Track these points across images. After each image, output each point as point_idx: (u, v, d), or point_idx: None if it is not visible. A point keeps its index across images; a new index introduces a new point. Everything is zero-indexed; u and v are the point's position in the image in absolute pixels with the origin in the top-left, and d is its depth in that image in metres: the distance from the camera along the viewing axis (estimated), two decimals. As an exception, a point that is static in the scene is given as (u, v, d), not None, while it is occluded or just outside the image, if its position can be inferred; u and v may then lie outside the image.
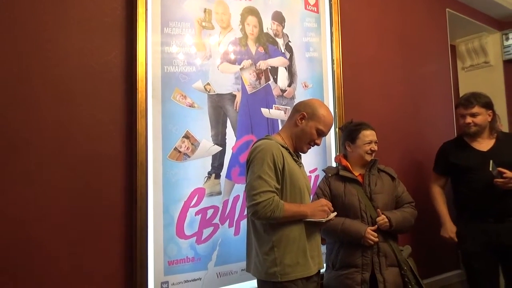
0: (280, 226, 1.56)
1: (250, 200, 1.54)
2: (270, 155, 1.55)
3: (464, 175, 2.28)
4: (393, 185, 2.07)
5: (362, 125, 2.07)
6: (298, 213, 1.58)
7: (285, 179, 1.59)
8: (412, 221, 2.02)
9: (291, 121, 1.72)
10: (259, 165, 1.54)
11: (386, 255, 1.92)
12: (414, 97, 3.01)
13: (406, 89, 2.95)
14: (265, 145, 1.58)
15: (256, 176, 1.54)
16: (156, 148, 1.76)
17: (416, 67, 3.05)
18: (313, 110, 1.68)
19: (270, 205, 1.50)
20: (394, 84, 2.87)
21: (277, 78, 2.20)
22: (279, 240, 1.56)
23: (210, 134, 1.93)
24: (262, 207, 1.50)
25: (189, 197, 1.84)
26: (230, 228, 1.97)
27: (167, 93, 1.81)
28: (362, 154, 2.03)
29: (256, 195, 1.52)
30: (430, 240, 2.74)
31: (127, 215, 1.69)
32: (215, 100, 1.96)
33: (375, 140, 2.05)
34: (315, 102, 1.74)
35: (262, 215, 1.51)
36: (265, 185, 1.52)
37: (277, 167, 1.56)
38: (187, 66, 1.89)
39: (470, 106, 2.25)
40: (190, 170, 1.85)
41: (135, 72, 1.72)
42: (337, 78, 2.43)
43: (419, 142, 2.96)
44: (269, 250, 1.56)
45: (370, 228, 1.90)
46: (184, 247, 1.81)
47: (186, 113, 1.86)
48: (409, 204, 2.07)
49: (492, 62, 3.86)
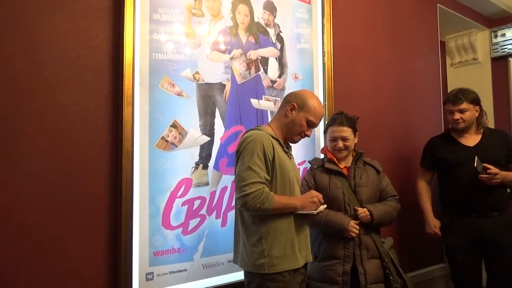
0: (268, 217, 1.57)
1: (239, 191, 1.54)
2: (260, 146, 1.55)
3: (450, 170, 2.32)
4: (377, 178, 2.10)
5: (333, 120, 2.06)
6: (288, 205, 1.58)
7: (275, 170, 1.59)
8: (395, 215, 2.05)
9: (281, 112, 1.72)
10: (249, 156, 1.54)
11: (368, 248, 1.96)
12: (404, 92, 3.04)
13: (396, 83, 2.98)
14: (256, 135, 1.58)
15: (246, 167, 1.53)
16: (143, 136, 1.75)
17: (406, 61, 3.08)
18: (304, 101, 1.68)
19: (259, 196, 1.51)
20: (384, 77, 2.89)
21: (268, 69, 2.19)
22: (267, 231, 1.56)
23: (198, 124, 1.92)
24: (251, 198, 1.50)
25: (175, 188, 1.83)
26: (217, 219, 1.97)
27: (155, 81, 1.79)
28: (331, 150, 2.06)
29: (245, 186, 1.51)
30: (415, 234, 2.79)
31: (112, 205, 1.67)
32: (204, 89, 1.95)
33: (342, 137, 2.00)
34: (306, 93, 1.74)
35: (252, 207, 1.51)
36: (255, 176, 1.52)
37: (267, 158, 1.56)
38: (176, 54, 1.87)
39: (458, 102, 2.28)
40: (177, 160, 1.84)
41: (122, 58, 1.69)
42: (328, 70, 2.44)
43: (407, 136, 3.00)
44: (256, 242, 1.56)
45: (353, 221, 1.93)
46: (170, 238, 1.80)
47: (174, 102, 1.84)
48: (393, 197, 2.10)
49: (481, 59, 3.92)
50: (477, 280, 2.32)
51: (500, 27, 3.82)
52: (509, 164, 2.30)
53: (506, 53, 3.77)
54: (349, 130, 2.03)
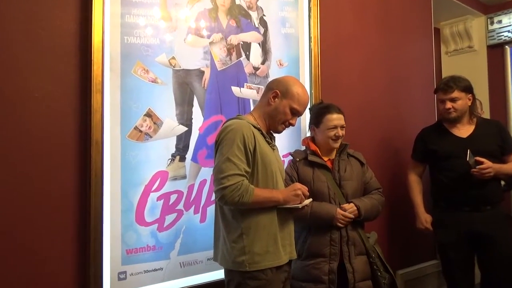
0: (249, 212, 1.55)
1: (217, 183, 1.52)
2: (241, 136, 1.53)
3: (442, 162, 2.33)
4: (362, 171, 2.10)
5: (328, 108, 2.04)
6: (269, 199, 1.57)
7: (257, 162, 1.58)
8: (380, 208, 2.06)
9: (264, 100, 1.71)
10: (228, 147, 1.52)
11: (355, 244, 1.96)
12: (395, 81, 3.03)
13: (387, 72, 2.97)
14: (236, 125, 1.56)
15: (224, 158, 1.52)
16: (114, 126, 1.72)
17: (398, 49, 3.08)
18: (287, 88, 1.66)
19: (238, 189, 1.49)
20: (374, 65, 2.88)
21: (250, 55, 2.17)
22: (248, 227, 1.55)
23: (174, 113, 1.90)
24: (230, 191, 1.49)
25: (150, 181, 1.81)
26: (196, 215, 1.95)
27: (127, 67, 1.77)
28: (326, 140, 2.03)
29: (224, 179, 1.50)
30: (406, 229, 2.80)
31: (81, 200, 1.65)
32: (181, 76, 1.92)
33: (341, 125, 2.01)
34: (289, 79, 1.73)
35: (230, 200, 1.50)
36: (234, 168, 1.51)
37: (247, 148, 1.54)
38: (150, 38, 1.84)
39: (449, 90, 2.28)
40: (152, 151, 1.82)
41: (91, 41, 1.66)
42: (315, 57, 2.43)
43: (398, 128, 3.00)
44: (237, 238, 1.55)
45: (341, 209, 1.93)
46: (144, 235, 1.79)
47: (148, 89, 1.82)
48: (377, 190, 2.10)
49: (476, 47, 3.94)
50: (470, 277, 2.34)
51: (497, 14, 3.83)
52: (503, 156, 2.31)
53: (502, 40, 3.79)
54: (343, 118, 2.04)
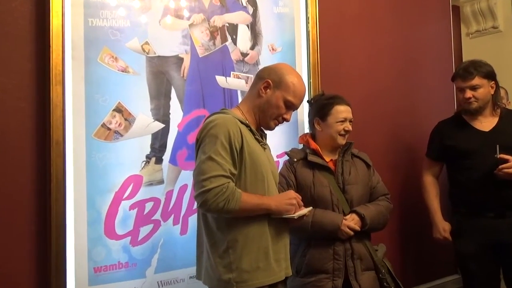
0: (236, 222, 1.55)
1: (198, 186, 1.51)
2: (225, 132, 1.53)
3: (462, 161, 2.32)
4: (368, 174, 2.10)
5: (335, 98, 2.05)
6: (259, 206, 1.56)
7: (244, 163, 1.58)
8: (388, 217, 2.06)
9: (253, 91, 1.71)
10: (211, 144, 1.52)
11: (361, 258, 1.96)
12: (407, 67, 3.03)
13: (398, 57, 2.97)
14: (220, 120, 1.56)
15: (206, 158, 1.51)
16: (78, 124, 1.73)
17: (411, 30, 3.08)
18: (280, 77, 1.66)
19: (223, 193, 1.48)
20: (383, 50, 2.88)
21: (237, 39, 2.18)
22: (235, 239, 1.54)
23: (149, 107, 1.91)
24: (213, 195, 1.47)
25: (121, 187, 1.82)
26: (175, 226, 1.96)
27: (93, 54, 1.77)
28: (333, 135, 2.02)
29: (205, 181, 1.49)
30: (421, 240, 2.81)
31: (39, 210, 1.65)
32: (156, 64, 1.93)
33: (350, 118, 2.03)
34: (283, 67, 1.73)
35: (213, 206, 1.48)
36: (217, 169, 1.49)
37: (233, 147, 1.54)
38: (120, 20, 1.84)
39: (469, 77, 2.28)
40: (123, 152, 1.83)
41: (49, 25, 1.66)
42: (313, 41, 2.43)
43: (411, 122, 3.00)
44: (223, 252, 1.54)
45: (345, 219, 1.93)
46: (115, 250, 1.79)
47: (118, 80, 1.82)
48: (384, 196, 2.11)
49: (502, 27, 3.93)
50: (494, 293, 2.35)
51: (525, -11, 3.84)
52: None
53: (532, 20, 3.79)
54: (351, 111, 2.05)
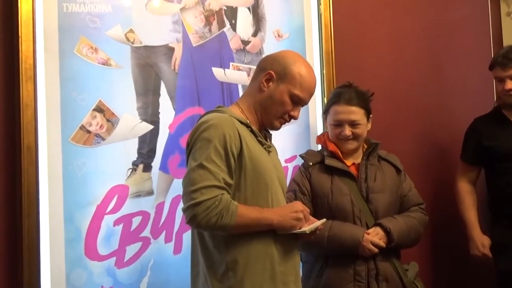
0: (236, 239, 1.55)
1: (187, 199, 1.51)
2: (220, 136, 1.53)
3: (502, 164, 2.33)
4: (397, 180, 2.10)
5: (339, 95, 2.05)
6: (259, 221, 1.56)
7: (244, 170, 1.58)
8: (421, 231, 2.06)
9: (254, 84, 1.71)
10: (203, 150, 1.52)
11: (388, 279, 1.96)
12: (438, 55, 3.04)
13: (427, 44, 2.98)
14: (214, 120, 1.57)
15: (196, 165, 1.51)
16: (52, 126, 1.73)
17: (441, 12, 3.09)
18: (285, 67, 1.66)
19: (216, 206, 1.47)
20: (409, 36, 2.89)
21: (236, 24, 2.18)
22: (235, 260, 1.54)
23: (135, 106, 1.91)
24: (203, 209, 1.47)
25: (104, 199, 1.82)
26: (168, 244, 1.96)
27: (68, 45, 1.78)
28: (332, 139, 2.06)
29: (195, 192, 1.48)
30: (457, 257, 2.82)
31: (9, 227, 1.66)
32: (143, 55, 1.93)
33: (350, 121, 2.00)
34: (288, 55, 1.73)
35: (204, 222, 1.48)
36: (209, 178, 1.49)
37: (229, 153, 1.53)
38: (99, 4, 1.85)
39: (509, 65, 2.30)
40: (105, 159, 1.83)
41: (17, 12, 1.66)
42: (326, 26, 2.43)
43: (445, 120, 3.01)
44: (222, 276, 1.54)
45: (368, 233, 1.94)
46: (98, 273, 1.79)
47: (98, 75, 1.83)
48: (418, 206, 2.11)
49: (549, 6, 3.95)
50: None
51: None
52: None
53: None
54: (360, 112, 2.03)
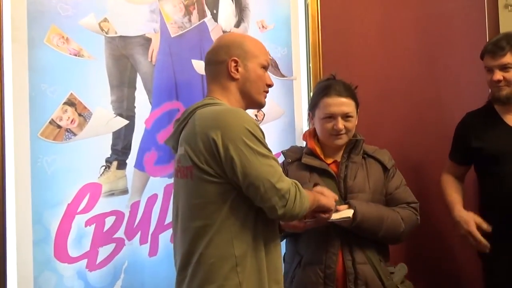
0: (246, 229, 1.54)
1: (272, 192, 1.50)
2: (254, 125, 1.55)
3: (491, 166, 2.26)
4: (383, 179, 2.07)
5: (329, 87, 2.02)
6: (315, 202, 1.67)
7: None
8: (403, 227, 1.98)
9: (220, 79, 1.70)
10: (254, 142, 1.52)
11: (368, 283, 1.91)
12: (430, 48, 3.04)
13: (419, 33, 2.99)
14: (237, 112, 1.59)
15: (262, 157, 1.52)
16: (20, 120, 1.74)
17: (434, 2, 3.08)
18: (242, 48, 1.70)
19: (296, 192, 1.55)
20: (400, 27, 2.89)
21: (218, 14, 2.20)
22: (244, 254, 1.52)
23: (109, 100, 1.92)
24: (292, 201, 1.53)
25: (75, 198, 1.83)
26: (143, 246, 1.97)
27: (38, 34, 1.78)
28: (324, 134, 2.03)
29: (279, 182, 1.51)
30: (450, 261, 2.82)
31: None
32: (118, 46, 1.94)
33: (343, 113, 1.98)
34: (233, 37, 1.81)
35: (297, 207, 1.55)
36: (279, 168, 1.56)
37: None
38: (71, -9, 1.86)
39: (499, 53, 2.20)
40: (76, 155, 1.84)
41: (-18, 0, 1.67)
42: (313, 17, 2.45)
43: (437, 114, 3.01)
44: (229, 272, 1.50)
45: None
46: (68, 276, 1.80)
47: (70, 66, 1.84)
48: (407, 204, 2.05)
49: (548, -3, 3.96)
50: None
51: None
52: None
53: None
54: (352, 104, 2.01)
